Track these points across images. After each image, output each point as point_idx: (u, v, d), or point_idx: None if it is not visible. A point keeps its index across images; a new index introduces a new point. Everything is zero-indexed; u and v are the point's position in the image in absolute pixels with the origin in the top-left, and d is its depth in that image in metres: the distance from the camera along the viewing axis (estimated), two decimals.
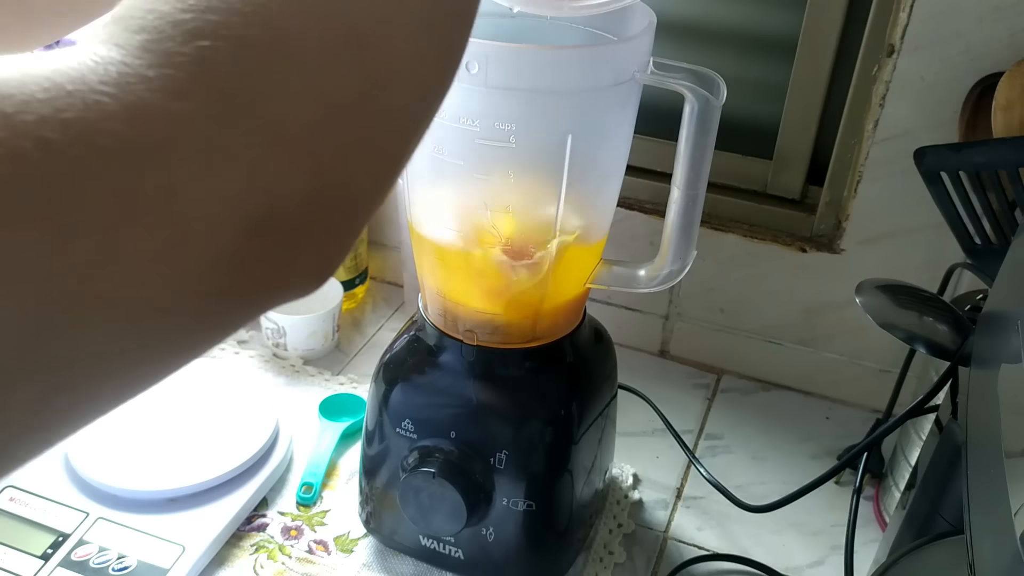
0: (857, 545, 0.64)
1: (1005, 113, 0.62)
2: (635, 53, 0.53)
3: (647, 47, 0.54)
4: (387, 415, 0.61)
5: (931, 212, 0.63)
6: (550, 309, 0.60)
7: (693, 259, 0.59)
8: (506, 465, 0.58)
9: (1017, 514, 0.31)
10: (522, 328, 0.60)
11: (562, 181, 0.54)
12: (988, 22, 0.66)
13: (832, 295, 0.82)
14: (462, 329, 0.59)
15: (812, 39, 0.77)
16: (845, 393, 0.86)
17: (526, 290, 0.58)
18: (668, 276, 0.59)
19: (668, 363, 0.91)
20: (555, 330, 0.61)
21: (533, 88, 0.51)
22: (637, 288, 0.60)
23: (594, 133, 0.55)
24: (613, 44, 0.56)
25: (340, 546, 0.67)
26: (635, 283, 0.60)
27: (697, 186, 0.56)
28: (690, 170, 0.56)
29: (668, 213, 0.58)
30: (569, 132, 0.53)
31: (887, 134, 0.73)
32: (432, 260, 0.60)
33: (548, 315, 0.60)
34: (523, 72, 0.51)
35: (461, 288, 0.59)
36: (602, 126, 0.56)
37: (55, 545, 0.62)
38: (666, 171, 0.87)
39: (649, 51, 0.54)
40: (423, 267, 0.62)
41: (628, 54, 0.53)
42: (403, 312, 0.95)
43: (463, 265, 0.58)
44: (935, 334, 0.53)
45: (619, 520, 0.70)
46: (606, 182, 0.60)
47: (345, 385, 0.83)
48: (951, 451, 0.49)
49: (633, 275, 0.61)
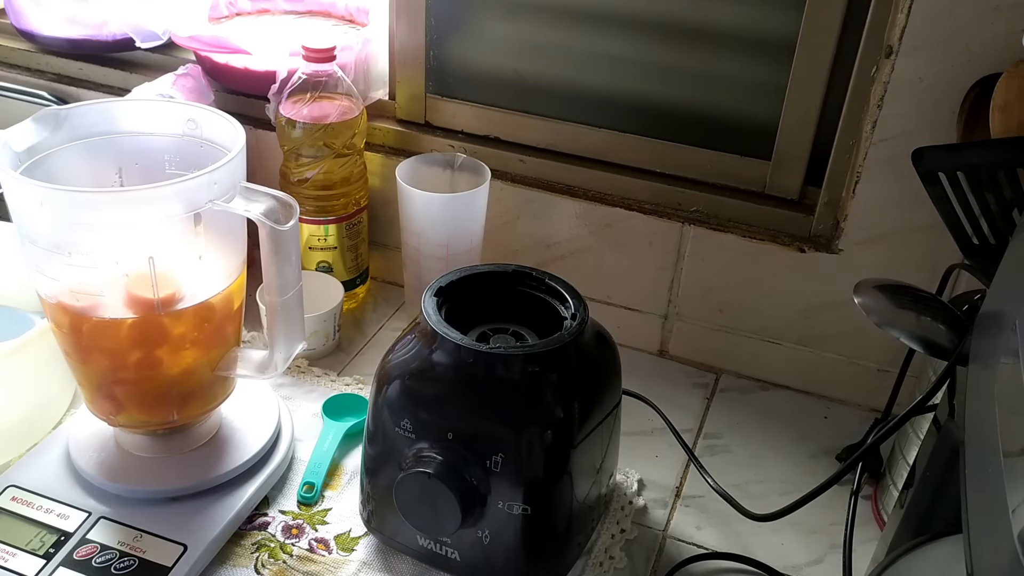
0: (855, 544, 0.65)
1: (1003, 114, 0.62)
2: (208, 185, 0.59)
3: (227, 176, 0.60)
4: (387, 415, 0.61)
5: (929, 212, 0.63)
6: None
7: (303, 347, 0.68)
8: (502, 468, 0.58)
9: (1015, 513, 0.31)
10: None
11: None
12: (986, 23, 0.67)
13: (830, 295, 0.82)
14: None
15: (811, 40, 0.77)
16: (843, 392, 0.86)
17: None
18: (279, 363, 0.67)
19: (667, 363, 0.91)
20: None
21: (102, 223, 0.57)
22: (255, 376, 0.68)
23: (176, 254, 0.61)
24: (183, 181, 0.59)
25: (341, 545, 0.67)
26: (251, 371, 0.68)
27: (287, 292, 0.64)
28: (276, 278, 0.63)
29: (269, 316, 0.66)
30: (149, 255, 0.59)
31: (885, 135, 0.74)
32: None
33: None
34: (90, 210, 0.57)
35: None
36: (187, 248, 0.61)
37: (57, 544, 0.62)
38: (666, 171, 0.87)
39: (234, 179, 0.60)
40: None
41: (199, 187, 0.58)
42: (404, 312, 0.95)
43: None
44: (933, 334, 0.53)
45: (622, 525, 0.70)
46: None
47: (350, 385, 0.83)
48: (949, 450, 0.49)
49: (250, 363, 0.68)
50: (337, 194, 0.88)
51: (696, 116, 0.85)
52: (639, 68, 0.85)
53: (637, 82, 0.86)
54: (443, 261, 0.85)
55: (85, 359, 0.63)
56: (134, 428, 0.68)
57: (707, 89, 0.84)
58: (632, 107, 0.87)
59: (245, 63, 0.94)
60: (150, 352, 0.63)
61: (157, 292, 0.60)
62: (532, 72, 0.90)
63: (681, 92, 0.85)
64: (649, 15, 0.83)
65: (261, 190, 0.61)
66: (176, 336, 0.62)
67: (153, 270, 0.59)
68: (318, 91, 0.85)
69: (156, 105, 0.69)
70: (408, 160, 0.88)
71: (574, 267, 0.91)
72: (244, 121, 0.68)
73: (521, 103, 0.91)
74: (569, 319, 0.63)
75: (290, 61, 0.88)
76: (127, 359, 0.62)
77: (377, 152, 0.94)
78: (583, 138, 0.89)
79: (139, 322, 0.61)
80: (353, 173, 0.89)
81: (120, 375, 0.63)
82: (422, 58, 0.92)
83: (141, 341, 0.62)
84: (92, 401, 0.66)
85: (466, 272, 0.66)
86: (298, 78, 0.85)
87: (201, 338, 0.64)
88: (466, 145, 0.92)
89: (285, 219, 0.60)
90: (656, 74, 0.85)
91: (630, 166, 0.88)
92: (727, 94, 0.84)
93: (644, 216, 0.86)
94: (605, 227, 0.88)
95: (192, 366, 0.65)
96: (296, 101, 0.85)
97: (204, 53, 0.95)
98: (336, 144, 0.85)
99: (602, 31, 0.85)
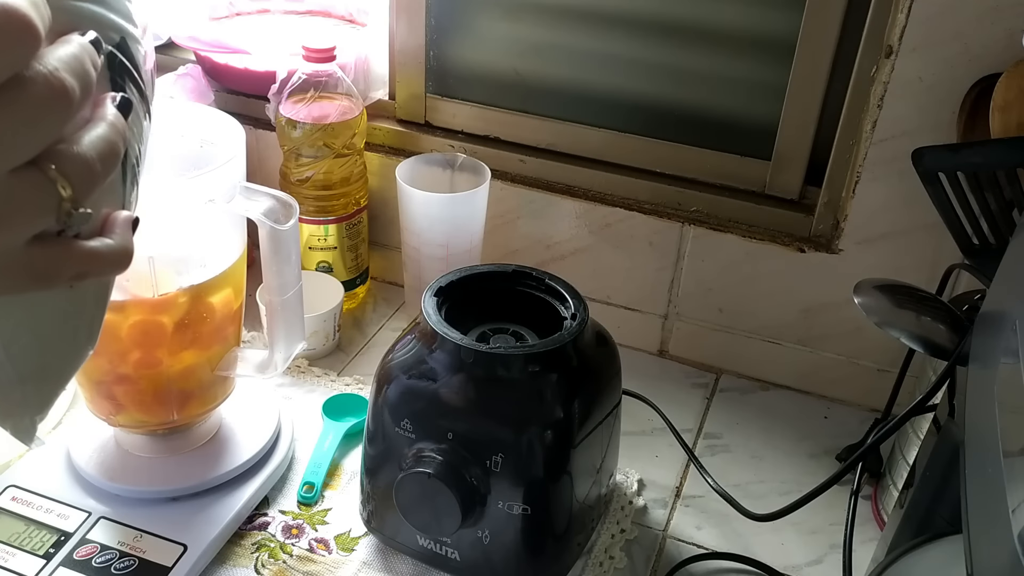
0: (855, 544, 0.65)
1: (1003, 114, 0.62)
2: (208, 184, 0.59)
3: (227, 176, 0.60)
4: (387, 415, 0.61)
5: (929, 212, 0.63)
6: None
7: (303, 347, 0.68)
8: (502, 468, 0.58)
9: (1014, 513, 0.31)
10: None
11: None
12: (986, 23, 0.67)
13: (830, 295, 0.82)
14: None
15: (811, 40, 0.77)
16: (843, 392, 0.86)
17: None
18: (279, 363, 0.67)
19: (667, 363, 0.91)
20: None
21: None
22: (255, 376, 0.68)
23: (176, 254, 0.61)
24: (183, 181, 0.59)
25: (341, 545, 0.67)
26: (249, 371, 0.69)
27: (287, 292, 0.64)
28: (276, 278, 0.64)
29: (269, 316, 0.66)
30: (149, 255, 0.58)
31: (885, 135, 0.74)
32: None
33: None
34: None
35: None
36: (187, 248, 0.62)
37: (57, 544, 0.62)
38: (666, 171, 0.87)
39: (233, 179, 0.60)
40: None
41: (199, 187, 0.58)
42: (404, 312, 0.95)
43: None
44: (933, 334, 0.53)
45: (622, 525, 0.70)
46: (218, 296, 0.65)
47: (351, 385, 0.83)
48: (949, 450, 0.49)
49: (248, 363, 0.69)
50: (337, 194, 0.88)
51: (696, 116, 0.85)
52: (639, 68, 0.85)
53: (637, 82, 0.86)
54: (443, 261, 0.85)
55: None
56: (134, 428, 0.68)
57: (707, 89, 0.84)
58: (632, 107, 0.87)
59: (245, 63, 0.94)
60: (150, 352, 0.63)
61: (157, 292, 0.60)
62: (532, 72, 0.90)
63: (681, 92, 0.85)
64: (649, 15, 0.83)
65: (261, 190, 0.61)
66: (176, 336, 0.62)
67: (153, 270, 0.59)
68: (318, 91, 0.85)
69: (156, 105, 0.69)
70: (408, 160, 0.88)
71: (574, 267, 0.91)
72: (244, 121, 0.68)
73: (521, 103, 0.91)
74: (569, 319, 0.63)
75: (290, 61, 0.88)
76: (127, 359, 0.62)
77: (377, 152, 0.94)
78: (583, 138, 0.89)
79: (139, 322, 0.61)
80: (353, 173, 0.89)
81: (120, 375, 0.63)
82: (422, 58, 0.92)
83: (141, 341, 0.62)
84: (92, 401, 0.66)
85: (466, 272, 0.66)
86: (298, 78, 0.85)
87: (201, 338, 0.64)
88: (466, 145, 0.92)
89: (285, 219, 0.61)
90: (656, 74, 0.85)
91: (630, 166, 0.88)
92: (727, 94, 0.84)
93: (644, 216, 0.86)
94: (605, 227, 0.88)
95: (192, 366, 0.65)
96: (296, 101, 0.85)
97: (204, 53, 0.95)
98: (336, 144, 0.85)
99: (602, 31, 0.85)
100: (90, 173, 0.31)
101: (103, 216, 0.35)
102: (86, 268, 0.33)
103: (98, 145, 0.32)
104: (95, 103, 0.33)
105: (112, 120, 0.33)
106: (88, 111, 0.33)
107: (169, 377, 0.64)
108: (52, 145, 0.30)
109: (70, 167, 0.30)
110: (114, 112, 0.33)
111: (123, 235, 0.35)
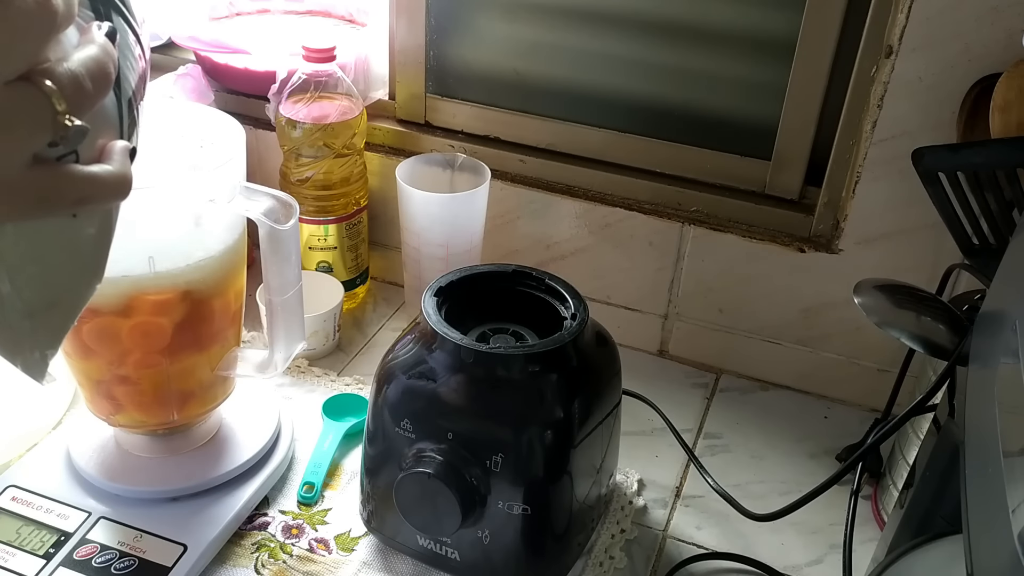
0: (855, 544, 0.65)
1: (1003, 114, 0.62)
2: (208, 184, 0.59)
3: (227, 176, 0.60)
4: (387, 415, 0.61)
5: (929, 212, 0.63)
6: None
7: (303, 347, 0.68)
8: (502, 468, 0.58)
9: (1014, 513, 0.31)
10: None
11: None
12: (986, 23, 0.67)
13: (830, 295, 0.82)
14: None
15: (811, 40, 0.77)
16: (843, 392, 0.86)
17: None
18: (279, 363, 0.67)
19: (667, 363, 0.91)
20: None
21: None
22: (255, 376, 0.69)
23: (176, 254, 0.61)
24: (183, 181, 0.60)
25: (341, 545, 0.67)
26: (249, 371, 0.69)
27: (287, 292, 0.64)
28: (276, 278, 0.64)
29: (269, 316, 0.66)
30: (149, 255, 0.58)
31: (885, 135, 0.74)
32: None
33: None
34: None
35: None
36: (187, 248, 0.61)
37: (57, 544, 0.62)
38: (666, 171, 0.87)
39: (233, 179, 0.60)
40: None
41: (199, 187, 0.58)
42: (404, 312, 0.95)
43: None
44: (933, 334, 0.53)
45: (622, 525, 0.70)
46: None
47: (351, 386, 0.83)
48: (949, 450, 0.49)
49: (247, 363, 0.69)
50: (337, 194, 0.88)
51: (696, 116, 0.85)
52: (639, 68, 0.85)
53: (637, 82, 0.86)
54: (443, 261, 0.85)
55: (85, 359, 0.63)
56: (134, 428, 0.68)
57: (707, 89, 0.84)
58: (632, 107, 0.87)
59: (245, 63, 0.94)
60: (150, 352, 0.63)
61: (157, 292, 0.60)
62: (532, 72, 0.90)
63: (681, 92, 0.85)
64: (649, 15, 0.83)
65: (261, 190, 0.61)
66: (176, 336, 0.62)
67: (153, 270, 0.59)
68: (318, 91, 0.85)
69: (156, 105, 0.69)
70: (408, 160, 0.88)
71: (574, 267, 0.91)
72: (244, 121, 0.68)
73: (521, 103, 0.91)
74: (569, 319, 0.63)
75: (290, 61, 0.88)
76: (127, 359, 0.62)
77: (377, 152, 0.94)
78: (583, 138, 0.89)
79: (139, 322, 0.61)
80: (353, 173, 0.89)
81: (120, 375, 0.63)
82: (422, 58, 0.92)
83: (141, 341, 0.62)
84: (92, 401, 0.66)
85: (466, 272, 0.66)
86: (298, 78, 0.85)
87: (201, 338, 0.64)
88: (466, 145, 0.92)
89: (285, 219, 0.61)
90: (656, 74, 0.85)
91: (630, 166, 0.88)
92: (727, 94, 0.84)
93: (644, 216, 0.86)
94: (605, 227, 0.88)
95: (192, 366, 0.65)
96: (296, 101, 0.85)
97: (204, 53, 0.95)
98: (336, 144, 0.85)
99: (602, 31, 0.85)
100: (83, 90, 0.32)
101: (101, 146, 0.36)
102: (87, 192, 0.34)
103: (88, 64, 0.33)
104: (82, 30, 0.35)
105: (101, 43, 0.34)
106: (76, 38, 0.34)
107: (169, 377, 0.64)
108: (44, 64, 0.31)
109: (63, 82, 0.31)
110: (103, 37, 0.35)
111: (121, 162, 0.36)
